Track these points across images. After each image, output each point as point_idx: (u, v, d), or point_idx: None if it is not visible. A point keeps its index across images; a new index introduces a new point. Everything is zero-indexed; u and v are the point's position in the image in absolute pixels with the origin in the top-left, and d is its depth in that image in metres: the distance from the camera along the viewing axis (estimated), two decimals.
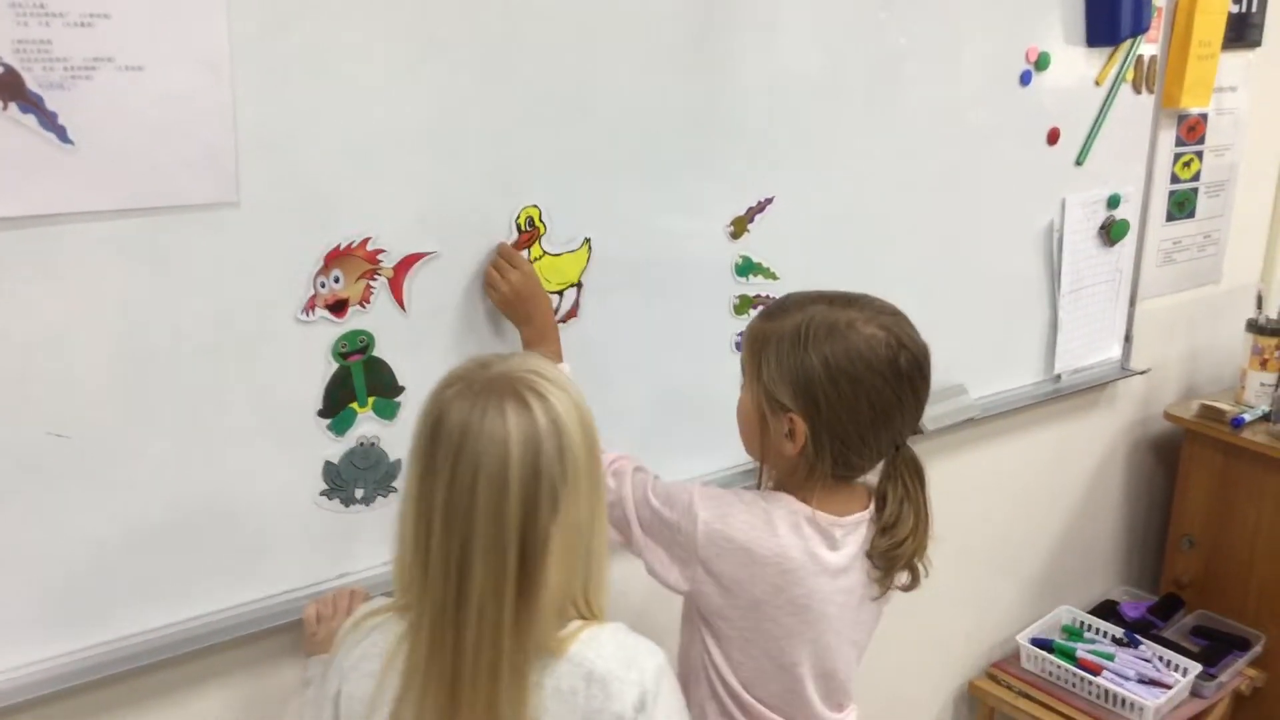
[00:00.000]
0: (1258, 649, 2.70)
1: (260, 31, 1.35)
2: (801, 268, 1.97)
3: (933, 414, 2.25)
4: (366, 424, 1.56)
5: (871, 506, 1.47)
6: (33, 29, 1.21)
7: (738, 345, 1.94)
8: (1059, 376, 2.56)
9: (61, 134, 1.25)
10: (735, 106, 1.83)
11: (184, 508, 1.43)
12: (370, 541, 1.61)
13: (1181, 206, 2.75)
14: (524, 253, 1.65)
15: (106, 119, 1.27)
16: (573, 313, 1.75)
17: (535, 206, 1.66)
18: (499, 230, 1.62)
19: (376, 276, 1.52)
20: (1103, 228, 2.52)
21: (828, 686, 1.51)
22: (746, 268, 1.92)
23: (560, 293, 1.73)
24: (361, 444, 1.57)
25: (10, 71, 1.21)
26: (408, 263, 1.54)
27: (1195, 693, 2.57)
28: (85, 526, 1.36)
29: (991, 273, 2.35)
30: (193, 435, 1.42)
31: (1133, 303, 2.68)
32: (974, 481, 2.48)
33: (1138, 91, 2.50)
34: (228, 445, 1.45)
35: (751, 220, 1.91)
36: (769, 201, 1.92)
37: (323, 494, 1.55)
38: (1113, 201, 2.53)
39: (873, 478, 1.48)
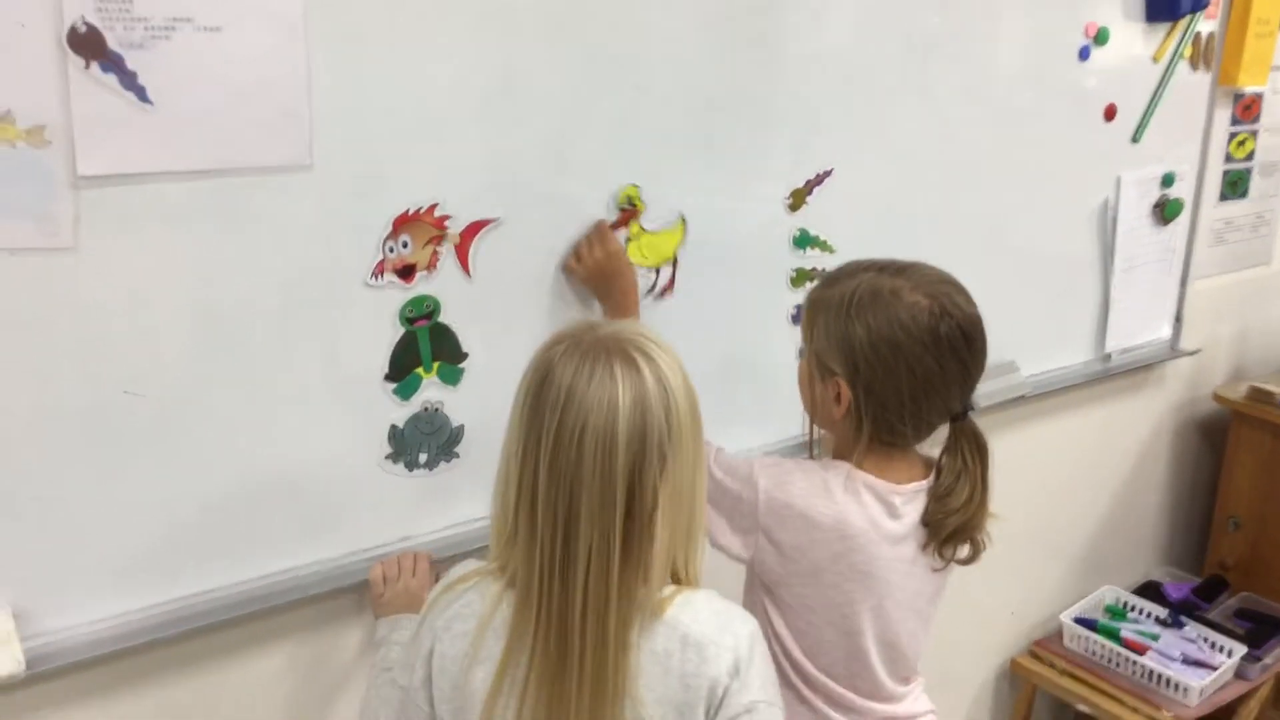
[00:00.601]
0: None
1: None
2: (856, 240, 1.96)
3: (984, 390, 2.23)
4: (431, 389, 1.57)
5: (931, 477, 1.48)
6: None
7: (794, 318, 1.94)
8: (1109, 356, 2.55)
9: (141, 94, 1.26)
10: (792, 78, 1.82)
11: (251, 469, 1.44)
12: (432, 506, 1.62)
13: (1235, 186, 2.72)
14: (623, 230, 1.67)
15: (185, 79, 1.28)
16: (669, 288, 1.78)
17: (635, 185, 1.69)
18: (561, 199, 1.62)
19: (443, 242, 1.52)
20: (1156, 206, 2.50)
21: (891, 656, 1.52)
22: (804, 240, 1.92)
23: (657, 269, 1.74)
24: (426, 409, 1.57)
25: (93, 30, 1.21)
26: (473, 229, 1.54)
27: (1240, 674, 2.56)
28: (156, 486, 1.38)
29: (1045, 249, 2.33)
30: (262, 397, 1.43)
31: (1184, 283, 2.66)
32: (1020, 459, 2.47)
33: (1195, 69, 2.47)
34: (296, 407, 1.46)
35: (810, 193, 1.90)
36: (828, 174, 1.91)
37: (387, 458, 1.56)
38: (1167, 180, 2.51)
39: (936, 449, 1.49)
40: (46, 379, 1.28)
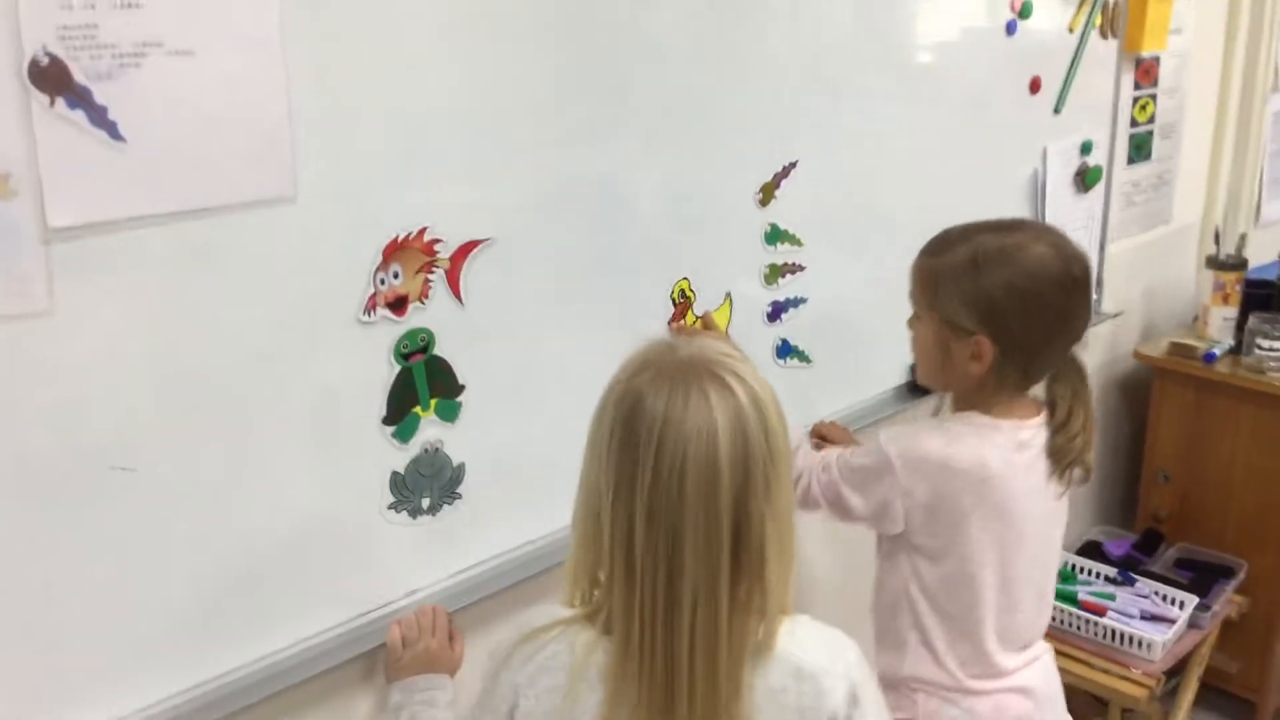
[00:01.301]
0: (1241, 576, 2.77)
1: (310, 4, 1.23)
2: (821, 234, 1.92)
3: None
4: (430, 428, 1.45)
5: (1044, 413, 1.58)
6: (77, 12, 1.07)
7: (769, 316, 1.88)
8: None
9: (112, 130, 1.11)
10: (760, 70, 1.76)
11: (249, 538, 1.30)
12: (438, 553, 1.50)
13: (1140, 149, 2.78)
14: (680, 323, 1.67)
15: (158, 111, 1.14)
16: None
17: (685, 279, 1.69)
18: (551, 211, 1.53)
19: (434, 269, 1.41)
20: (1077, 174, 2.54)
21: (1039, 593, 1.64)
22: (775, 235, 1.86)
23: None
24: (426, 450, 1.45)
25: (56, 62, 1.06)
26: (464, 251, 1.43)
27: (1193, 624, 2.61)
28: (149, 569, 1.23)
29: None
30: (255, 454, 1.29)
31: (1102, 248, 2.70)
32: None
33: (1104, 37, 2.51)
34: (292, 462, 1.33)
35: (778, 186, 1.84)
36: (793, 166, 1.85)
37: (390, 507, 1.43)
38: (1085, 148, 2.54)
39: (1037, 390, 1.61)
40: (23, 459, 1.12)
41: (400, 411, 1.42)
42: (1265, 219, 3.35)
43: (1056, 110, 2.43)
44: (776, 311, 1.89)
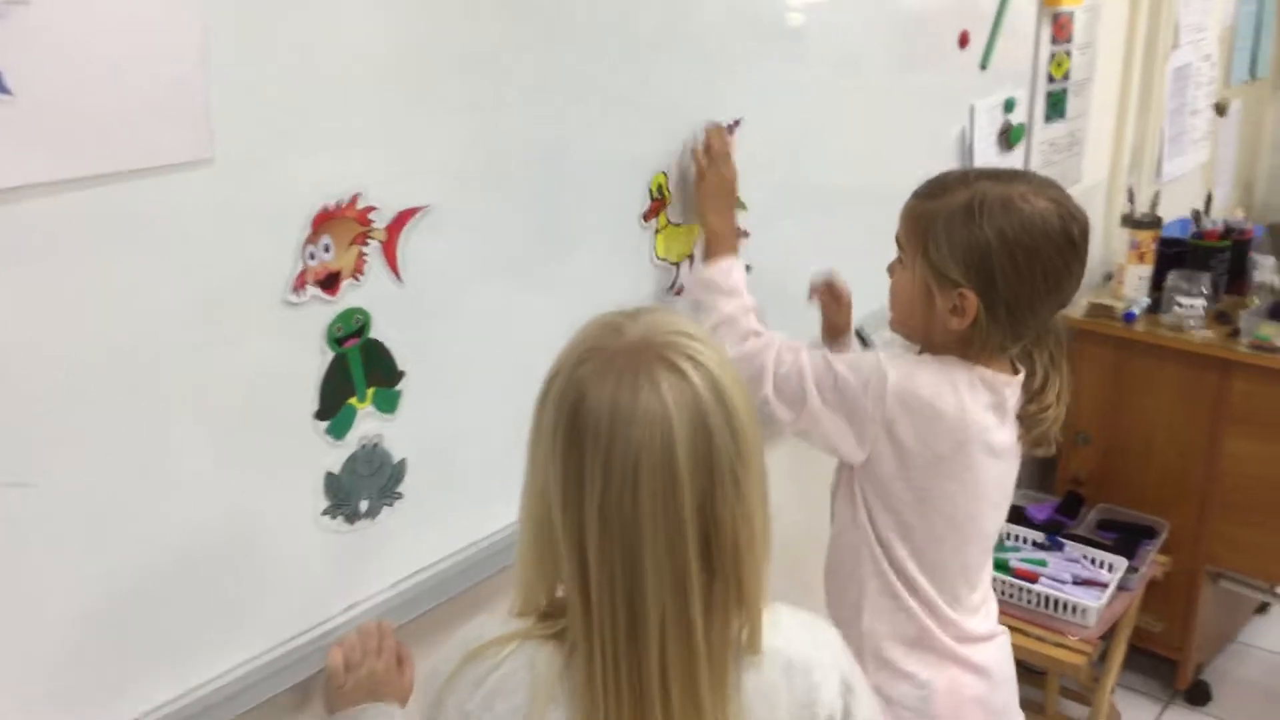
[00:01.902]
0: (1164, 535, 2.77)
1: None
2: (763, 197, 1.80)
3: (887, 336, 2.13)
4: (367, 421, 1.29)
5: (1021, 374, 1.50)
6: None
7: None
8: None
9: None
10: (693, 28, 1.63)
11: (161, 555, 1.13)
12: (379, 561, 1.34)
13: (1056, 107, 2.73)
14: (653, 220, 1.49)
15: (52, 58, 0.95)
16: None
17: (664, 173, 1.54)
18: (491, 176, 1.37)
19: (369, 241, 1.24)
20: (1002, 133, 2.47)
21: (983, 549, 1.57)
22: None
23: (677, 265, 1.56)
24: (364, 446, 1.29)
25: None
26: (401, 221, 1.27)
27: (1122, 586, 2.60)
28: (37, 596, 1.05)
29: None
30: (170, 462, 1.11)
31: None
32: None
33: None
34: (212, 467, 1.15)
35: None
36: (737, 124, 1.72)
37: (325, 512, 1.27)
38: (1009, 106, 2.47)
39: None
40: None
41: (334, 404, 1.25)
42: (1166, 176, 3.37)
43: (983, 66, 2.35)
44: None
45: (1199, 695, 2.94)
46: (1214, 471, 2.74)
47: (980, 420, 1.46)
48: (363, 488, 1.30)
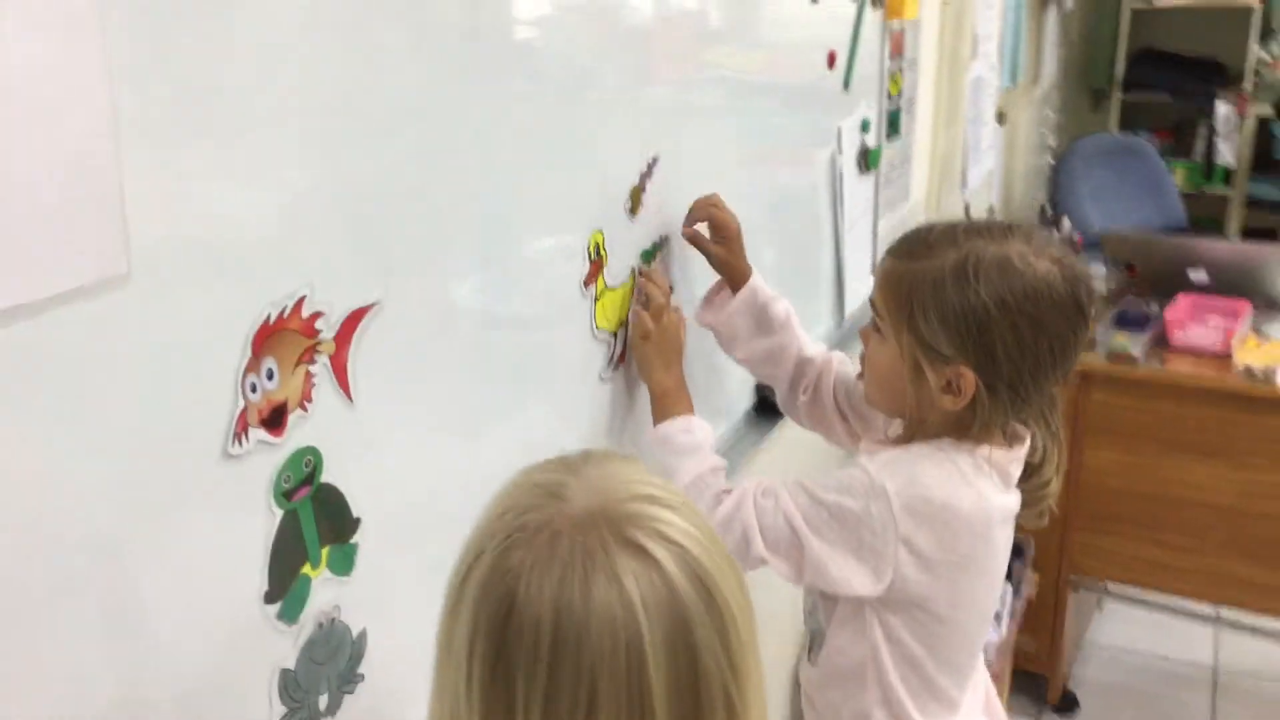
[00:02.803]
0: (1030, 552, 2.73)
1: None
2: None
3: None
4: (322, 591, 0.97)
5: (1019, 443, 1.31)
6: None
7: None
8: (842, 321, 2.37)
9: None
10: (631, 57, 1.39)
11: None
12: None
13: (894, 126, 2.65)
14: (591, 287, 1.21)
15: None
16: (622, 358, 1.35)
17: (600, 231, 1.27)
18: (444, 255, 1.08)
19: (316, 357, 0.93)
20: (861, 155, 2.34)
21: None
22: (652, 252, 1.49)
23: (614, 334, 1.31)
24: (320, 625, 0.98)
25: None
26: (351, 324, 0.96)
27: (1010, 612, 2.53)
28: None
29: (799, 213, 2.08)
30: (91, 691, 0.78)
31: (875, 233, 2.54)
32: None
33: (875, 6, 2.33)
34: (144, 694, 0.82)
35: (645, 190, 1.47)
36: (655, 163, 1.49)
37: None
38: (864, 126, 2.35)
39: None
40: None
41: (285, 578, 0.93)
42: (969, 186, 3.38)
43: (845, 86, 2.21)
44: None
45: (1067, 705, 2.93)
46: (1074, 484, 2.72)
47: (997, 504, 1.28)
48: (321, 679, 0.99)
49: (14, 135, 0.66)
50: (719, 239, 1.54)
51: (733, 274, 1.55)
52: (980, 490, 1.25)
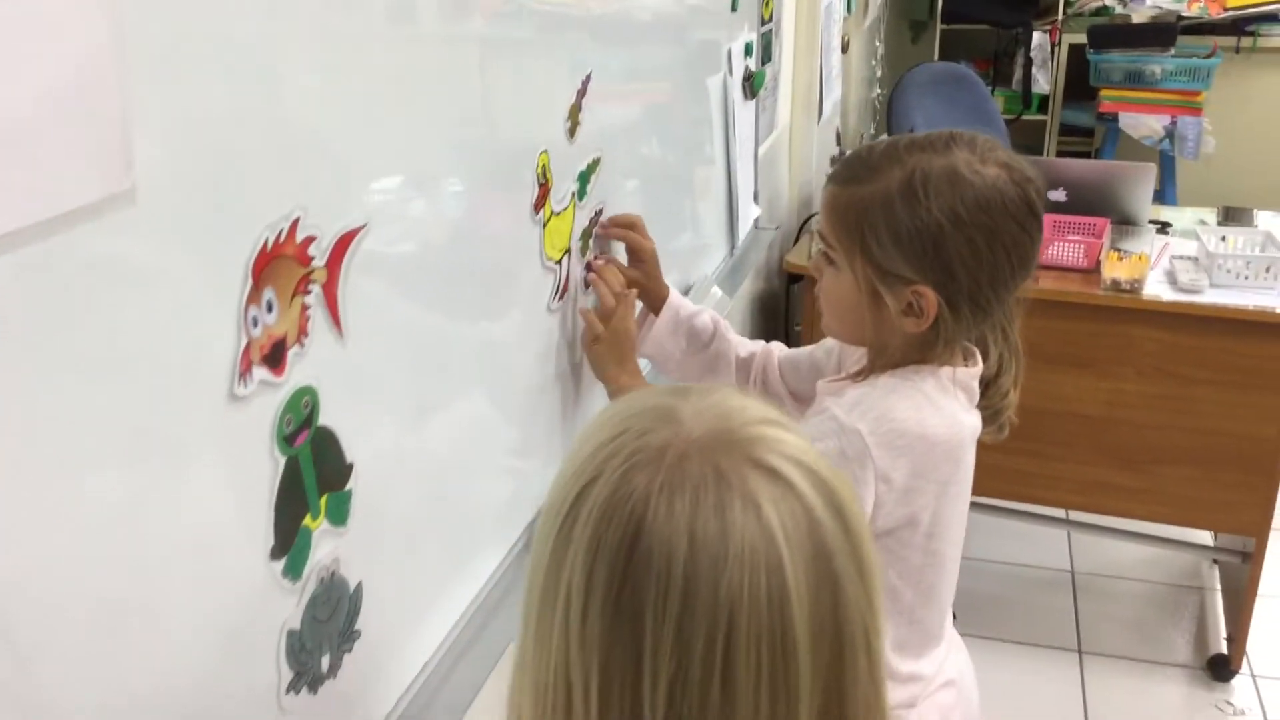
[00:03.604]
0: None
1: None
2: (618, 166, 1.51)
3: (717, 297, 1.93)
4: (323, 544, 0.89)
5: (976, 357, 1.30)
6: None
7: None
8: (734, 249, 2.35)
9: None
10: None
11: None
12: None
13: (767, 50, 2.62)
14: (539, 213, 1.07)
15: None
16: (565, 288, 1.24)
17: (546, 152, 1.16)
18: (427, 170, 0.99)
19: (310, 287, 0.84)
20: (745, 79, 2.31)
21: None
22: (585, 178, 1.42)
23: (559, 262, 1.19)
24: (322, 580, 0.89)
25: None
26: (341, 249, 0.87)
27: None
28: None
29: (695, 137, 2.03)
30: (91, 665, 0.69)
31: (756, 158, 2.52)
32: None
33: None
34: (147, 662, 0.73)
35: (581, 108, 1.40)
36: (588, 79, 1.41)
37: (290, 688, 0.86)
38: (748, 50, 2.32)
39: None
40: None
41: (289, 533, 0.85)
42: (825, 114, 3.39)
43: (734, 7, 2.17)
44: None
45: None
46: None
47: (967, 424, 1.27)
48: (324, 638, 0.90)
49: (15, 49, 0.56)
50: (635, 262, 1.51)
51: (651, 299, 1.53)
52: (951, 413, 1.24)
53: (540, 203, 1.26)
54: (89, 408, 0.64)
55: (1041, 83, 5.23)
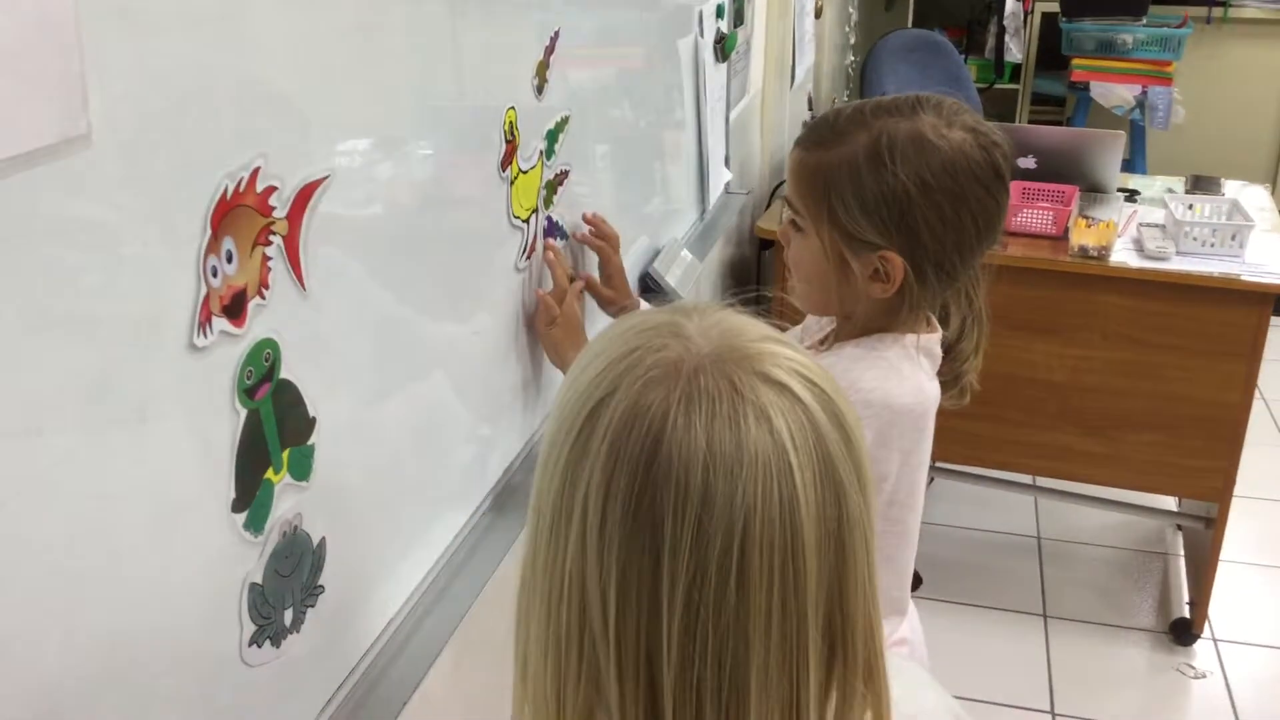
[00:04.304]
0: None
1: None
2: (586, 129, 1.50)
3: (677, 276, 1.92)
4: (285, 497, 0.89)
5: (935, 322, 1.30)
6: None
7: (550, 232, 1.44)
8: (704, 213, 2.34)
9: None
10: None
11: None
12: (308, 683, 0.95)
13: (739, 14, 2.61)
14: (506, 171, 1.07)
15: None
16: (533, 247, 1.25)
17: (513, 109, 1.16)
18: (391, 123, 0.98)
19: (271, 238, 0.83)
20: (717, 42, 2.30)
21: None
22: (554, 136, 1.41)
23: (526, 221, 1.19)
24: (284, 534, 0.89)
25: None
26: (303, 201, 0.86)
27: None
28: None
29: (664, 107, 2.02)
30: (42, 614, 0.68)
31: (727, 123, 2.51)
32: None
33: None
34: (107, 615, 0.72)
35: (549, 66, 1.39)
36: (556, 36, 1.40)
37: (252, 641, 0.86)
38: (720, 11, 2.31)
39: None
40: None
41: (251, 485, 0.84)
42: (798, 80, 3.39)
43: None
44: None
45: (912, 583, 3.05)
46: None
47: (931, 393, 1.27)
48: (286, 593, 0.90)
49: None
50: (605, 277, 1.52)
51: (622, 312, 1.53)
52: (916, 382, 1.24)
53: (507, 160, 1.25)
54: (43, 356, 0.64)
55: (1014, 51, 5.22)
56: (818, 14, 3.84)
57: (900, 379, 1.23)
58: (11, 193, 0.60)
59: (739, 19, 2.58)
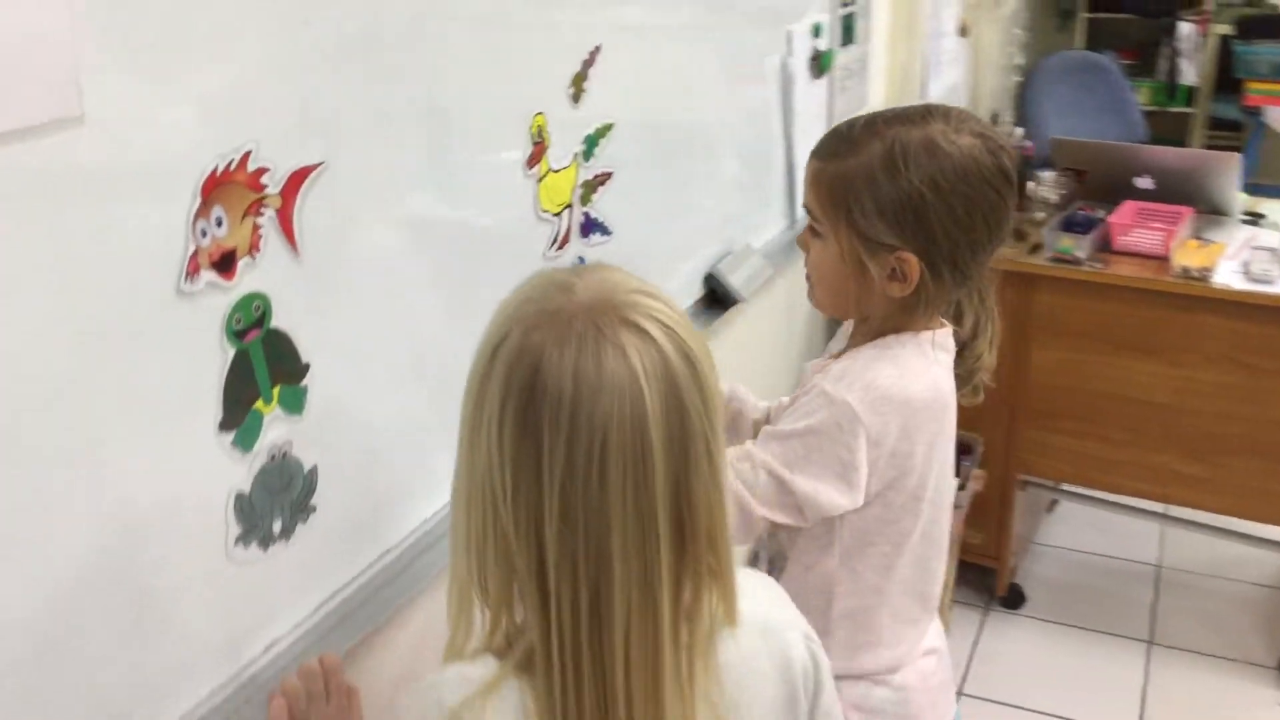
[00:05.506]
0: (979, 450, 2.84)
1: None
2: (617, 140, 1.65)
3: (743, 278, 2.05)
4: (275, 427, 1.07)
5: (949, 325, 1.38)
6: None
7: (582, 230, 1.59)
8: (793, 223, 2.45)
9: None
10: None
11: (50, 620, 0.89)
12: (297, 588, 1.13)
13: (848, 32, 2.71)
14: (535, 167, 1.32)
15: None
16: (566, 239, 1.44)
17: (542, 114, 1.35)
18: (388, 119, 1.16)
19: (264, 210, 1.02)
20: (813, 60, 2.41)
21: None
22: (594, 141, 1.57)
23: (558, 215, 1.40)
24: (273, 457, 1.07)
25: None
26: (296, 182, 1.05)
27: (955, 504, 2.64)
28: None
29: (751, 116, 2.15)
30: (56, 498, 0.88)
31: None
32: (726, 352, 2.32)
33: None
34: (105, 504, 0.92)
35: (587, 77, 1.55)
36: (597, 51, 1.56)
37: (238, 540, 1.05)
38: (816, 30, 2.42)
39: None
40: None
41: (239, 411, 1.03)
42: (930, 99, 3.44)
43: None
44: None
45: (1014, 599, 3.06)
46: (1022, 384, 2.82)
47: (947, 388, 1.34)
48: (275, 506, 1.09)
49: None
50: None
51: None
52: (933, 378, 1.32)
53: (534, 160, 1.42)
54: (24, 304, 0.83)
55: (1188, 74, 5.10)
56: (964, 32, 3.87)
57: (916, 375, 1.30)
58: (10, 161, 0.79)
59: (848, 37, 2.68)
